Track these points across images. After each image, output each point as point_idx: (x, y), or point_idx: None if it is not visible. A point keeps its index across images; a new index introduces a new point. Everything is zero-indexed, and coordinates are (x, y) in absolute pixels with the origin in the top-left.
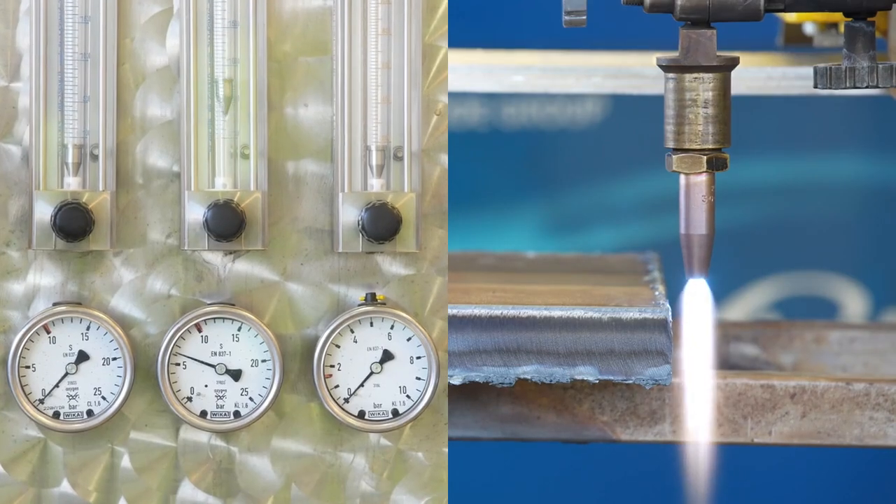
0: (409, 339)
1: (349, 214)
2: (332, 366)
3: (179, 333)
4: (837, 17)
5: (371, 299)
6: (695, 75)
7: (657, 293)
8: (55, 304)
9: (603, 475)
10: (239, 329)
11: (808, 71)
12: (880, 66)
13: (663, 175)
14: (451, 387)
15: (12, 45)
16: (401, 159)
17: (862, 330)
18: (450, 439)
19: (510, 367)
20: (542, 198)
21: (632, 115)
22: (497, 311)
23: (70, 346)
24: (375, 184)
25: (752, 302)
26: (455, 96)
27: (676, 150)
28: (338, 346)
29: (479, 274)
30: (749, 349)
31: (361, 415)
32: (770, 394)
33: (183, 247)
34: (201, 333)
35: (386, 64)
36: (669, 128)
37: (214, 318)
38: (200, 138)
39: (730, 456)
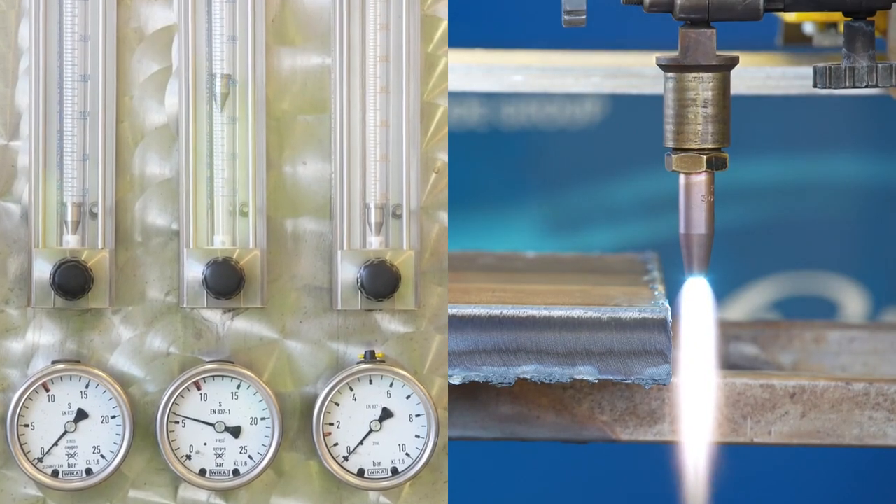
0: (408, 397)
1: (348, 272)
2: (332, 423)
3: (178, 391)
4: (837, 16)
5: (370, 357)
6: (694, 75)
7: (656, 293)
8: (54, 362)
9: (602, 475)
10: (238, 387)
11: (808, 71)
12: (880, 65)
13: (662, 175)
14: (451, 386)
15: (12, 103)
16: (399, 217)
17: (861, 330)
18: (449, 439)
19: (510, 367)
20: (541, 197)
21: (631, 114)
22: (496, 310)
23: (69, 404)
24: (374, 241)
25: (751, 302)
26: (454, 96)
27: (676, 150)
28: (337, 404)
29: (479, 274)
30: (748, 349)
31: (361, 473)
32: (770, 393)
33: (182, 304)
34: (200, 391)
35: (384, 122)
36: (669, 127)
37: (213, 376)
38: (199, 196)
39: (729, 456)
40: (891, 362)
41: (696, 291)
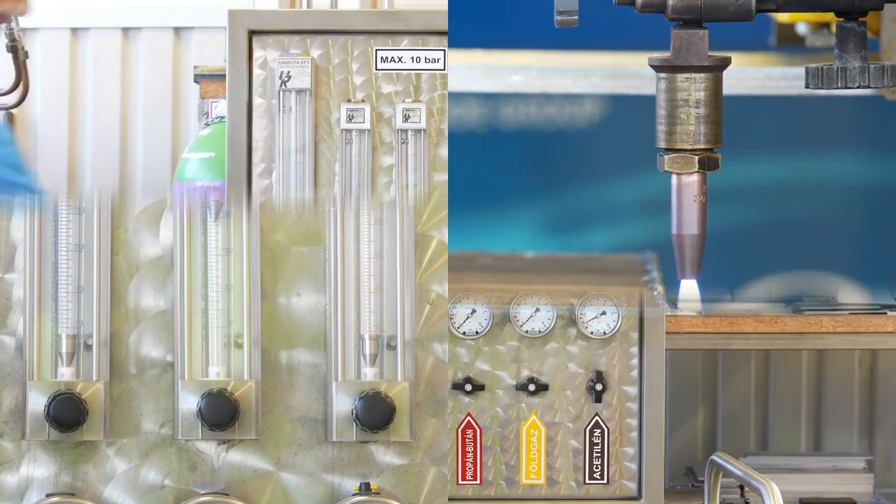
0: None
1: (343, 403)
2: None
3: None
4: (829, 17)
5: (365, 489)
6: (686, 75)
7: (655, 293)
8: (48, 496)
9: None
10: None
11: (801, 71)
12: (872, 66)
13: (662, 175)
14: None
15: (7, 236)
16: (394, 348)
17: None
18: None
19: None
20: (540, 198)
21: (630, 114)
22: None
23: None
24: (369, 373)
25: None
26: (454, 96)
27: (668, 150)
28: None
29: (478, 274)
30: None
31: None
32: None
33: (177, 436)
34: None
35: (378, 254)
36: (661, 128)
37: None
38: (194, 328)
39: None
40: None
41: (687, 293)
